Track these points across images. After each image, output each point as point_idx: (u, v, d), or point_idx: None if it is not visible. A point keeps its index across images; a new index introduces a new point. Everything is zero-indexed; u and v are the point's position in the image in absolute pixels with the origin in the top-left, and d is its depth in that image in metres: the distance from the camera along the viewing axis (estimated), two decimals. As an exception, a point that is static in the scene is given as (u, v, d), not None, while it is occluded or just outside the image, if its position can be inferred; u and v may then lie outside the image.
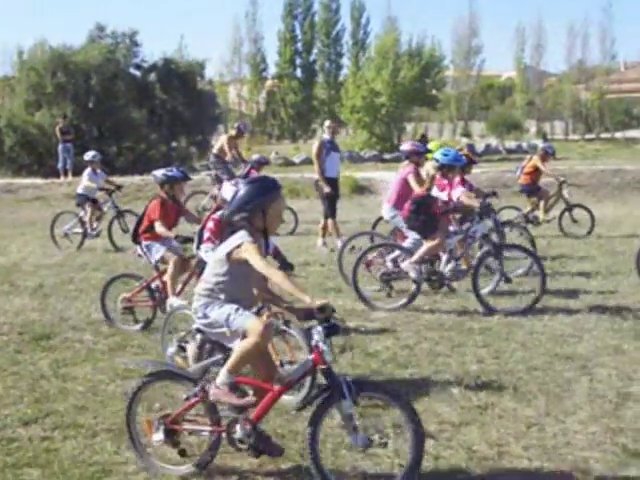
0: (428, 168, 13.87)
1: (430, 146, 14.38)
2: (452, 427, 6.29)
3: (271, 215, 5.50)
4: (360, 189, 25.57)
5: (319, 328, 5.15)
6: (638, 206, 22.15)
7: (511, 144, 45.30)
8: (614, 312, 9.87)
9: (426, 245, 10.34)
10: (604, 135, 58.41)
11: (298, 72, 64.80)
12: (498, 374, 7.67)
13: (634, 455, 5.76)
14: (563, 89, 62.08)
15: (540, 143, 46.34)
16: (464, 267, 10.61)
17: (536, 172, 16.49)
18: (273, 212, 5.51)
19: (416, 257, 10.34)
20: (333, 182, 14.99)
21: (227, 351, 5.61)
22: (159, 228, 9.33)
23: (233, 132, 18.99)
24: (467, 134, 58.25)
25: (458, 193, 10.60)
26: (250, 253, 5.30)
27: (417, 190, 10.94)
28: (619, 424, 6.34)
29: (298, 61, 64.76)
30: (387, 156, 38.67)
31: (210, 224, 7.88)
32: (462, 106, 62.60)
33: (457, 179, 10.82)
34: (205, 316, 5.52)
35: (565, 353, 8.31)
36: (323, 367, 5.18)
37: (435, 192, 10.78)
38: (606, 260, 13.37)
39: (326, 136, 15.16)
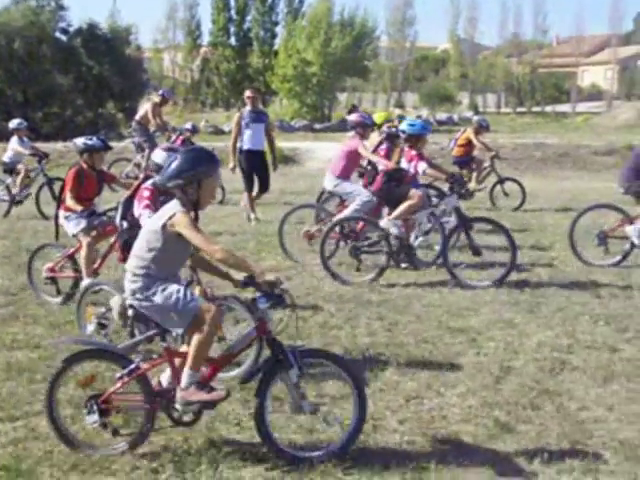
0: (373, 139, 13.80)
1: (375, 117, 14.26)
2: (331, 400, 6.24)
3: (204, 189, 5.34)
4: (285, 159, 25.36)
5: (263, 298, 5.15)
6: (557, 179, 22.43)
7: (442, 116, 45.39)
8: (513, 286, 9.90)
9: (406, 203, 10.21)
10: (535, 109, 58.97)
11: (232, 40, 63.80)
12: (387, 346, 7.65)
13: (505, 428, 5.79)
14: (496, 62, 62.44)
15: (472, 116, 47.06)
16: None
17: (469, 145, 16.56)
18: (207, 186, 5.35)
19: (396, 213, 10.22)
20: (256, 155, 14.46)
21: (159, 325, 5.42)
22: (68, 200, 9.13)
23: (157, 99, 18.68)
24: (400, 105, 58.25)
25: (423, 167, 10.34)
26: (184, 225, 5.17)
27: (371, 157, 11.24)
28: (496, 398, 6.36)
29: (232, 29, 63.74)
30: (318, 126, 38.48)
31: (146, 193, 7.48)
32: (396, 77, 62.55)
33: (413, 152, 10.49)
34: (147, 299, 5.30)
35: (457, 326, 8.33)
36: (268, 337, 5.24)
37: (403, 164, 10.63)
38: (528, 235, 13.40)
39: (247, 107, 14.66)
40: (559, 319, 8.56)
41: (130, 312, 5.50)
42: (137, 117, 18.81)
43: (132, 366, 5.32)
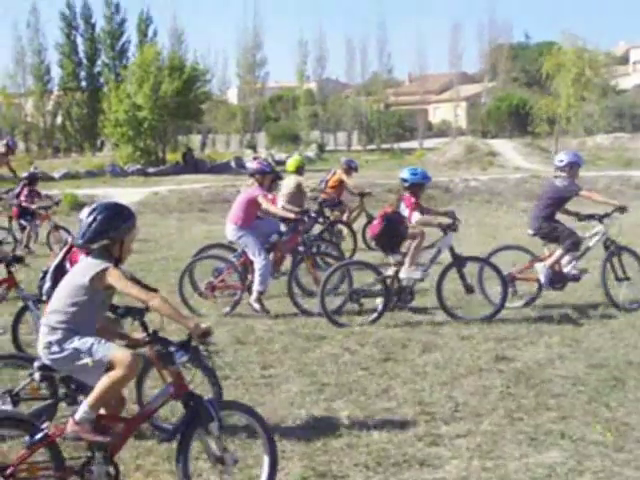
0: (288, 183, 13.92)
1: (289, 164, 14.78)
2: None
3: (126, 244, 5.30)
4: (79, 207, 25.24)
5: (180, 352, 5.08)
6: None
7: (282, 156, 45.89)
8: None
9: (413, 245, 10.33)
10: (384, 146, 60.32)
11: (84, 84, 63.30)
12: None
13: None
14: (345, 101, 63.81)
15: (312, 154, 47.76)
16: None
17: (340, 186, 16.51)
18: (128, 241, 5.30)
19: (410, 260, 10.31)
20: None
21: (70, 387, 5.28)
22: None
23: (2, 149, 18.41)
24: (252, 146, 58.79)
25: (417, 217, 10.37)
26: (118, 279, 5.07)
27: (270, 209, 11.11)
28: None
29: (82, 73, 63.33)
30: (151, 170, 38.47)
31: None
32: (248, 118, 63.18)
33: (413, 200, 10.48)
34: (61, 349, 5.09)
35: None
36: (186, 392, 5.14)
37: (402, 209, 10.56)
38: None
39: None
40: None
41: (37, 376, 5.27)
42: None
43: (40, 433, 5.00)
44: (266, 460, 5.36)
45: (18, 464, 4.97)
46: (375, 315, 10.26)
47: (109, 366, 5.05)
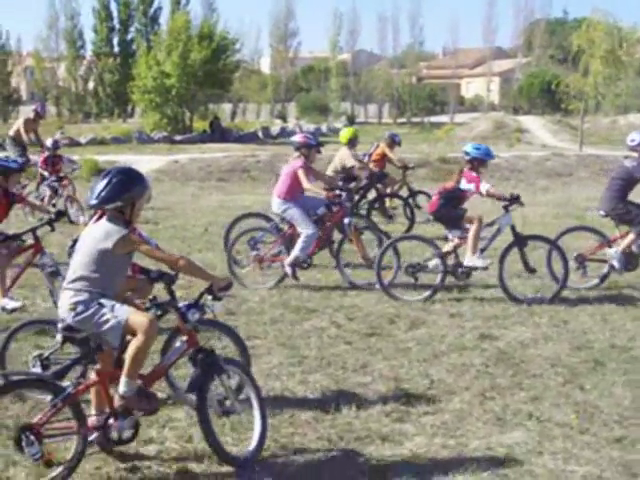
0: (342, 155, 13.97)
1: (342, 134, 14.66)
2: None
3: (137, 208, 5.50)
4: (99, 173, 25.42)
5: (194, 309, 5.45)
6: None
7: (310, 127, 45.83)
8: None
9: (472, 232, 10.17)
10: (415, 119, 60.06)
11: (116, 50, 63.47)
12: None
13: None
14: (377, 74, 63.51)
15: (342, 126, 47.64)
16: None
17: (383, 160, 16.48)
18: (139, 205, 5.51)
19: (471, 248, 10.15)
20: None
21: (85, 348, 5.40)
22: None
23: (31, 115, 18.38)
24: (282, 117, 58.86)
25: (486, 187, 10.13)
26: (140, 243, 5.38)
27: (305, 185, 10.97)
28: None
29: (115, 39, 63.49)
30: (178, 137, 38.56)
31: None
32: (279, 88, 63.19)
33: (474, 174, 10.24)
34: (87, 308, 5.28)
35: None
36: (199, 348, 5.49)
37: (463, 184, 10.29)
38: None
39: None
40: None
41: (59, 337, 5.46)
42: (10, 132, 18.49)
43: (64, 393, 5.20)
44: (257, 416, 5.67)
45: (43, 423, 5.14)
46: (430, 292, 10.19)
47: (126, 328, 5.26)
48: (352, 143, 14.49)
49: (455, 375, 7.42)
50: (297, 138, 11.83)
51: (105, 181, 5.40)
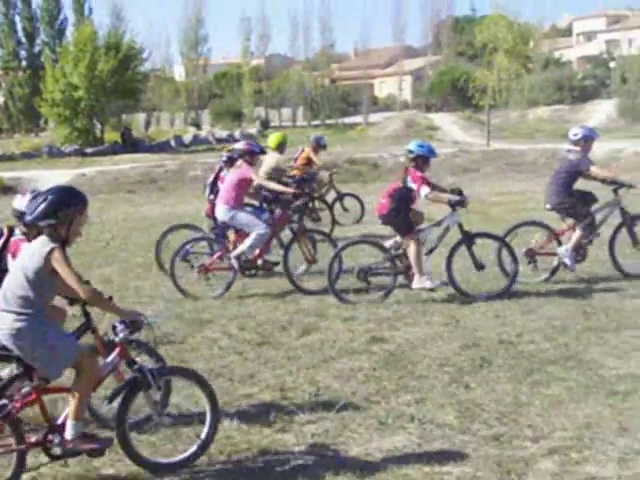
0: (269, 160, 13.74)
1: (270, 140, 14.56)
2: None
3: (74, 226, 5.36)
4: (4, 189, 24.98)
5: (122, 325, 5.45)
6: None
7: (222, 134, 45.69)
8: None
9: (411, 255, 10.05)
10: (329, 121, 60.23)
11: (24, 64, 62.36)
12: None
13: None
14: (290, 77, 63.55)
15: (260, 131, 47.56)
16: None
17: (309, 164, 16.21)
18: (77, 224, 5.38)
19: (416, 271, 10.06)
20: None
21: (22, 365, 5.32)
22: None
23: None
24: (196, 124, 58.47)
25: (426, 191, 9.98)
26: (59, 261, 5.19)
27: (264, 184, 11.34)
28: None
29: (23, 53, 62.42)
30: (89, 150, 38.11)
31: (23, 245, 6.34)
32: (193, 95, 62.81)
33: (418, 174, 10.09)
34: (34, 340, 5.20)
35: None
36: (128, 360, 5.53)
37: (410, 183, 10.13)
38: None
39: None
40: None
41: None
42: None
43: (1, 410, 5.22)
44: (207, 423, 5.78)
45: None
46: (384, 292, 10.22)
47: (74, 364, 5.33)
48: (281, 149, 14.49)
49: (342, 380, 7.42)
50: (240, 145, 11.90)
51: (41, 198, 5.38)
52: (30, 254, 5.34)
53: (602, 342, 8.34)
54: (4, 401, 5.33)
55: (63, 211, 5.32)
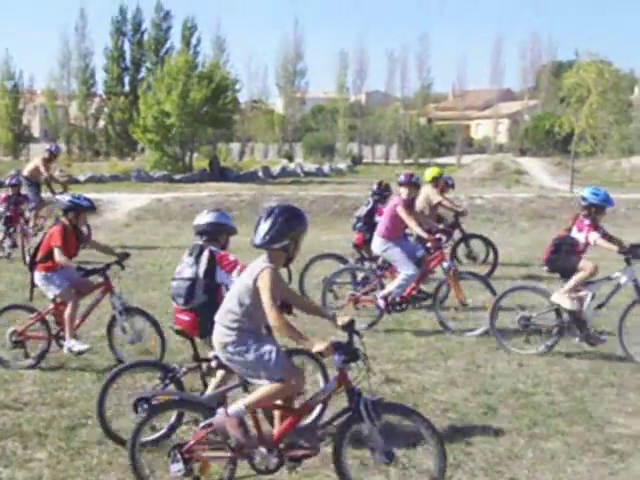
0: (428, 193, 14.00)
1: (427, 174, 14.70)
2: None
3: (299, 244, 5.60)
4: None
5: (339, 353, 5.34)
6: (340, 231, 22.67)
7: (311, 167, 45.97)
8: None
9: (579, 274, 9.45)
10: (422, 160, 60.06)
11: (127, 89, 64.15)
12: None
13: None
14: (385, 114, 63.70)
15: (345, 167, 47.77)
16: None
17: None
18: (301, 241, 5.62)
19: (567, 287, 9.47)
20: None
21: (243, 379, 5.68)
22: (60, 258, 8.75)
23: (45, 154, 18.33)
24: (289, 156, 59.08)
25: (594, 237, 9.36)
26: (266, 282, 5.35)
27: (408, 222, 10.97)
28: None
29: (126, 78, 64.25)
30: (177, 176, 38.71)
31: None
32: (287, 128, 63.58)
33: (587, 222, 9.50)
34: (239, 354, 5.49)
35: None
36: (348, 386, 5.44)
37: (574, 233, 9.64)
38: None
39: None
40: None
41: (214, 363, 5.72)
42: (25, 172, 18.35)
43: (215, 417, 5.47)
44: (434, 465, 5.49)
45: (194, 443, 5.47)
46: (544, 346, 9.60)
47: (279, 381, 5.43)
48: (436, 183, 14.55)
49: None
50: (401, 178, 11.61)
51: (270, 221, 5.49)
52: (248, 272, 5.55)
53: (619, 399, 8.06)
54: (219, 409, 5.56)
55: (292, 232, 5.49)
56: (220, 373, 6.33)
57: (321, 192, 29.05)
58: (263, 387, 5.42)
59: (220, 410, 5.50)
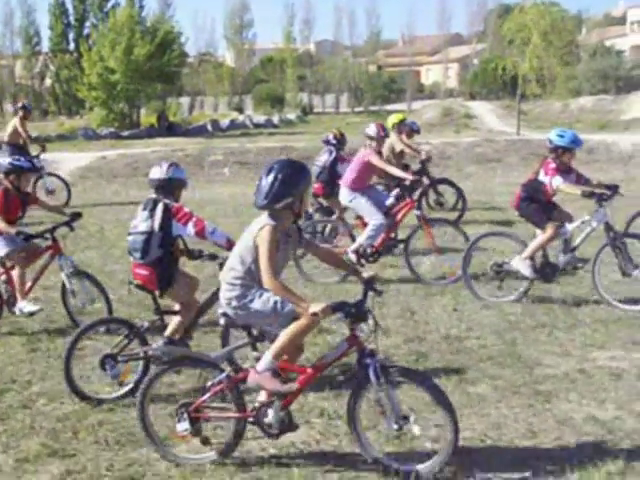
0: (391, 140, 13.67)
1: (389, 121, 14.38)
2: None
3: (305, 199, 5.43)
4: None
5: (346, 315, 5.21)
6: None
7: (260, 118, 45.63)
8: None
9: (538, 239, 9.41)
10: (373, 108, 59.90)
11: (72, 46, 62.94)
12: None
13: None
14: (335, 64, 63.36)
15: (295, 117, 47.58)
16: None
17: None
18: (307, 195, 5.46)
19: (527, 251, 9.38)
20: None
21: (251, 335, 5.69)
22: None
23: (20, 113, 17.58)
24: (239, 109, 58.59)
25: (557, 181, 9.11)
26: (265, 240, 5.21)
27: (385, 167, 11.08)
28: None
29: (71, 35, 62.99)
30: (125, 133, 38.24)
31: None
32: (237, 81, 62.97)
33: (552, 165, 9.22)
34: (244, 306, 5.37)
35: None
36: (359, 349, 5.26)
37: (541, 176, 9.41)
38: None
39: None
40: None
41: (222, 321, 5.59)
42: (6, 138, 17.59)
43: (223, 375, 5.39)
44: (446, 430, 5.30)
45: (200, 403, 5.43)
46: (518, 292, 9.59)
47: (295, 318, 5.25)
48: (400, 130, 14.39)
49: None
50: (370, 130, 11.41)
51: (270, 178, 5.31)
52: (249, 231, 5.43)
53: (549, 340, 8.18)
54: (228, 368, 5.66)
55: (297, 188, 5.30)
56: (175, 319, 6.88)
57: (268, 144, 28.85)
58: (283, 331, 5.29)
59: (249, 370, 5.42)
